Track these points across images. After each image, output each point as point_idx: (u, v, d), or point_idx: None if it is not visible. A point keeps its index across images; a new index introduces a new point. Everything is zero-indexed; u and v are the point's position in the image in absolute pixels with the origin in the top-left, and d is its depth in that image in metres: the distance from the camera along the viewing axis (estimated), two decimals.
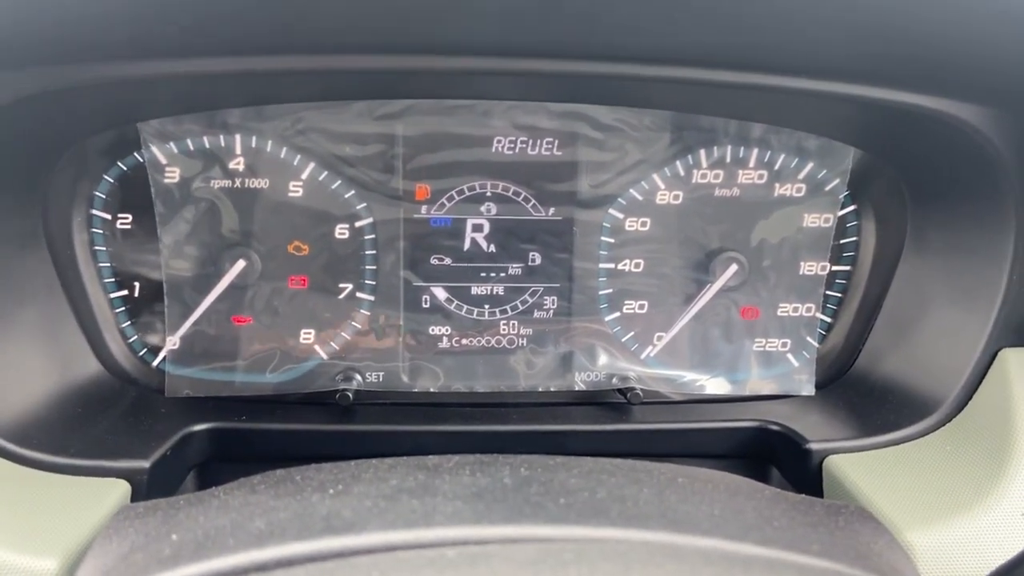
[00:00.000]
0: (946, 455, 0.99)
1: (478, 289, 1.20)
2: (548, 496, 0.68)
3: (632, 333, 1.23)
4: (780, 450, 1.12)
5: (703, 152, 1.17)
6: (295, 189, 1.14)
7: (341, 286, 1.18)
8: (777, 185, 1.19)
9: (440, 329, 1.20)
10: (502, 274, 1.20)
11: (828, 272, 1.22)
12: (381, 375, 1.20)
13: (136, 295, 1.16)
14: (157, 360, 1.18)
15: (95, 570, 0.68)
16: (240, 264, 1.14)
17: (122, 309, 1.16)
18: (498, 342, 1.21)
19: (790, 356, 1.24)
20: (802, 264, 1.22)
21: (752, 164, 1.18)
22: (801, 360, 1.24)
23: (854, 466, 0.99)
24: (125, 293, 1.16)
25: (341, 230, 1.16)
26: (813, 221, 1.20)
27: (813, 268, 1.22)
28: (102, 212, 1.13)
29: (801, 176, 1.19)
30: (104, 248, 1.14)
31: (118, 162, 1.12)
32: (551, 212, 1.18)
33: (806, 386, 1.23)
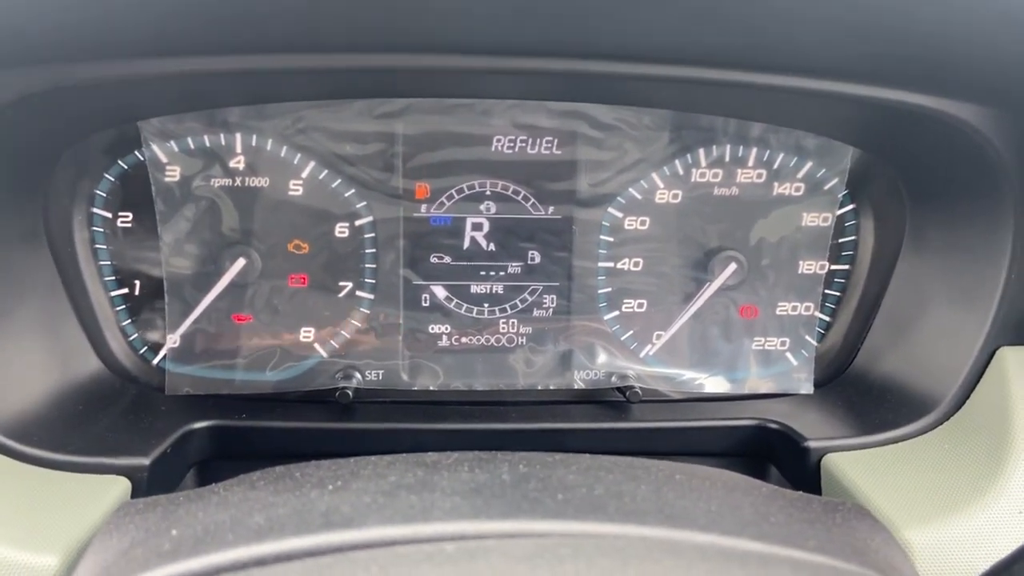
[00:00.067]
0: (944, 453, 0.99)
1: (477, 288, 1.20)
2: (546, 492, 0.68)
3: (631, 332, 1.23)
4: (779, 448, 1.13)
5: (702, 151, 1.17)
6: (295, 188, 1.14)
7: (341, 284, 1.18)
8: (776, 184, 1.19)
9: (440, 327, 1.21)
10: (501, 273, 1.20)
11: (827, 271, 1.23)
12: (381, 373, 1.20)
13: (137, 293, 1.17)
14: (157, 358, 1.18)
15: (95, 565, 0.68)
16: (240, 262, 1.14)
17: (122, 307, 1.17)
18: (497, 340, 1.22)
19: (789, 355, 1.24)
20: (801, 263, 1.22)
21: (751, 163, 1.18)
22: (800, 359, 1.24)
23: (852, 464, 0.99)
24: (126, 291, 1.16)
25: (341, 229, 1.16)
26: (812, 220, 1.21)
27: (812, 267, 1.22)
28: (103, 210, 1.13)
29: (800, 175, 1.19)
30: (105, 246, 1.14)
31: (119, 160, 1.13)
32: (550, 211, 1.18)
33: (805, 385, 1.23)
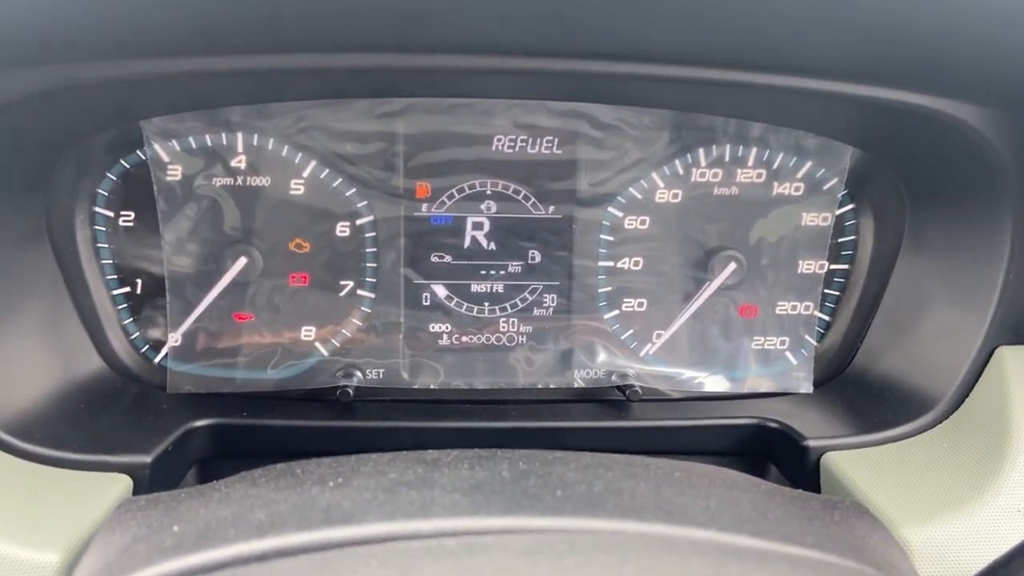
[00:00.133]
0: (943, 452, 0.99)
1: (478, 287, 1.20)
2: (546, 489, 0.68)
3: (631, 331, 1.23)
4: (778, 447, 1.13)
5: (702, 151, 1.18)
6: (296, 187, 1.15)
7: (342, 283, 1.18)
8: (776, 184, 1.19)
9: (440, 326, 1.21)
10: (502, 272, 1.20)
11: (826, 271, 1.23)
12: (381, 372, 1.20)
13: (138, 292, 1.17)
14: (159, 356, 1.18)
15: (98, 560, 0.69)
16: (242, 261, 1.14)
17: (124, 306, 1.17)
18: (498, 339, 1.22)
19: (788, 354, 1.25)
20: (800, 263, 1.22)
21: (751, 163, 1.18)
22: (799, 358, 1.24)
23: (851, 463, 1.00)
24: (127, 290, 1.17)
25: (342, 228, 1.17)
26: (811, 220, 1.21)
27: (811, 267, 1.23)
28: (105, 209, 1.14)
29: (799, 175, 1.19)
30: (107, 245, 1.15)
31: (121, 160, 1.13)
32: (551, 210, 1.18)
33: (804, 384, 1.23)
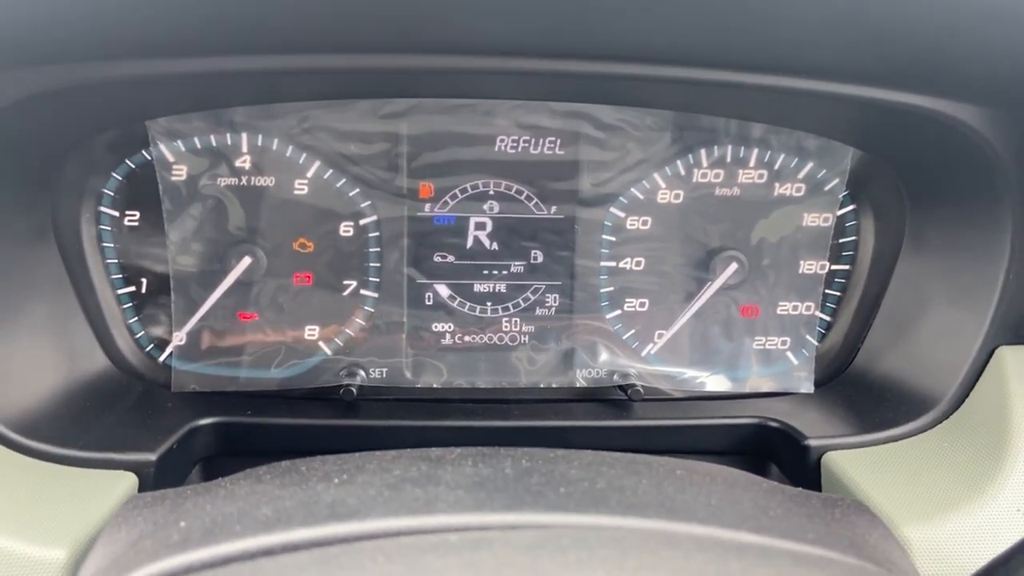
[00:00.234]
0: (943, 452, 1.00)
1: (480, 286, 1.21)
2: (548, 485, 0.68)
3: (633, 330, 1.23)
4: (779, 447, 1.13)
5: (704, 152, 1.18)
6: (300, 187, 1.15)
7: (345, 283, 1.19)
8: (777, 184, 1.20)
9: (443, 326, 1.22)
10: (504, 272, 1.21)
11: (827, 271, 1.23)
12: (384, 371, 1.21)
13: (143, 291, 1.18)
14: (164, 355, 1.19)
15: (105, 557, 0.69)
16: (246, 261, 1.15)
17: (129, 305, 1.18)
18: (500, 339, 1.23)
19: (789, 354, 1.25)
20: (801, 263, 1.23)
21: (752, 164, 1.19)
22: (800, 358, 1.25)
23: (852, 462, 1.00)
24: (132, 289, 1.17)
25: (346, 228, 1.17)
26: (812, 220, 1.21)
27: (812, 267, 1.23)
28: (110, 209, 1.14)
29: (801, 176, 1.20)
30: (112, 244, 1.15)
31: (126, 159, 1.13)
32: (553, 210, 1.19)
33: (805, 383, 1.24)
